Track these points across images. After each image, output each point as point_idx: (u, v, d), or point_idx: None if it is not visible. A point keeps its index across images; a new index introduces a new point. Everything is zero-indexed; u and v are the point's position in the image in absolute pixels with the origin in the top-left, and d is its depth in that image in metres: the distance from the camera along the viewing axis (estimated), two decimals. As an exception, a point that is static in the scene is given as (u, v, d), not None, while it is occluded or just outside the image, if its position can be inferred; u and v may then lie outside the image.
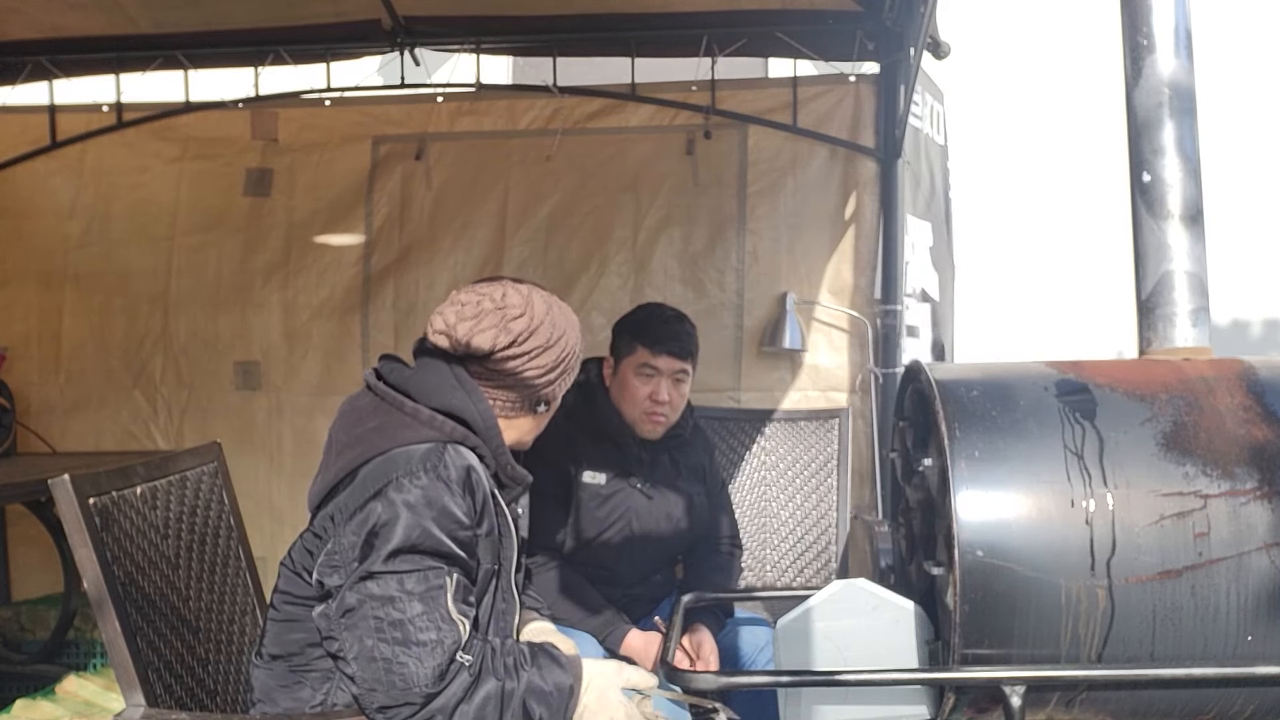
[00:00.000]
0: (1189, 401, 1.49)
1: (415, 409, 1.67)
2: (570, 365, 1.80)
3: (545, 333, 1.73)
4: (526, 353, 1.72)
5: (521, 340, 1.71)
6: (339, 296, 3.83)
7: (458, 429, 1.67)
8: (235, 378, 3.86)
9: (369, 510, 1.56)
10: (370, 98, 3.78)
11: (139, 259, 3.88)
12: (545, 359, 1.74)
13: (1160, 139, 1.61)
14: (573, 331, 1.79)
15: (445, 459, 1.61)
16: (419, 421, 1.66)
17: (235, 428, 3.81)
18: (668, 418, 2.50)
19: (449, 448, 1.63)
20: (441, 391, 1.69)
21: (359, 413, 1.71)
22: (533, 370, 1.73)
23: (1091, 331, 5.66)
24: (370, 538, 1.55)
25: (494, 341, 1.69)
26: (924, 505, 1.67)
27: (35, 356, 3.93)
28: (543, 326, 1.73)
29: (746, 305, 3.71)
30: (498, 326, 1.70)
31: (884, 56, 3.50)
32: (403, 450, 1.61)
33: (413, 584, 1.53)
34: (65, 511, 1.61)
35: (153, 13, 3.40)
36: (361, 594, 1.54)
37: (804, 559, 3.28)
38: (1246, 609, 1.42)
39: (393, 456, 1.61)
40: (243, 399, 3.85)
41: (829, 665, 1.58)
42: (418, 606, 1.52)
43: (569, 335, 1.78)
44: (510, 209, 3.78)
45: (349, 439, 1.68)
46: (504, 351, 1.71)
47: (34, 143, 3.88)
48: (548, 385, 1.77)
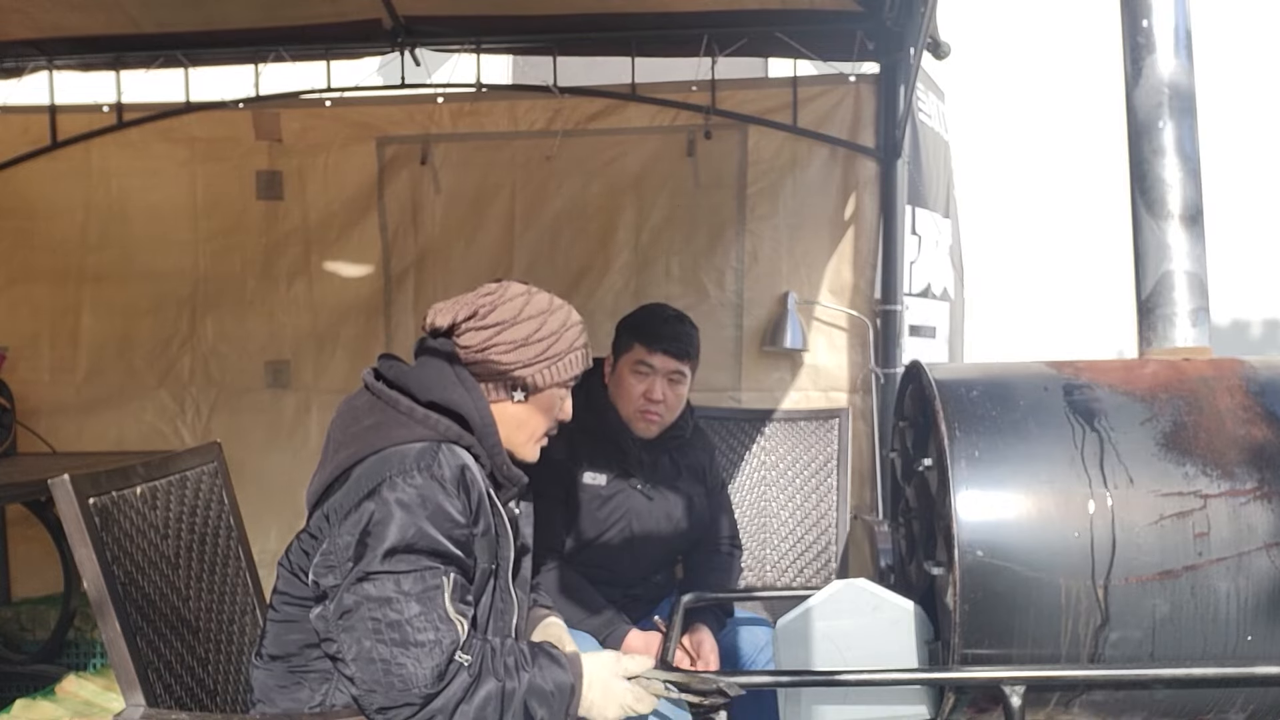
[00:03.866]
0: (1189, 401, 1.49)
1: (410, 407, 1.67)
2: (552, 351, 1.76)
3: (512, 309, 1.74)
4: (491, 326, 1.72)
5: (483, 314, 1.73)
6: (363, 299, 3.90)
7: (452, 428, 1.67)
8: (266, 376, 3.93)
9: (363, 510, 1.56)
10: (371, 98, 3.79)
11: (161, 261, 3.92)
12: (513, 334, 1.73)
13: (1160, 139, 1.61)
14: (555, 318, 1.77)
15: (439, 458, 1.61)
16: (413, 420, 1.65)
17: (265, 424, 3.91)
18: (662, 417, 2.50)
19: (443, 447, 1.63)
20: (441, 385, 1.69)
21: (355, 411, 1.71)
22: (500, 344, 1.73)
23: (1091, 331, 5.66)
24: (365, 537, 1.54)
25: (454, 315, 1.73)
26: (924, 505, 1.67)
27: (46, 356, 3.96)
28: (511, 304, 1.74)
29: (747, 305, 3.71)
30: (461, 304, 1.74)
31: (884, 56, 3.50)
32: (396, 449, 1.61)
33: (409, 584, 1.52)
34: (65, 511, 1.61)
35: (154, 12, 3.40)
36: (358, 595, 1.53)
37: (804, 559, 3.28)
38: (1246, 609, 1.42)
39: (386, 455, 1.60)
40: (273, 396, 3.91)
41: (829, 665, 1.58)
42: (415, 607, 1.52)
43: (548, 319, 1.76)
44: (517, 211, 3.81)
45: (344, 438, 1.68)
46: (466, 324, 1.73)
47: (35, 143, 3.88)
48: (522, 366, 1.74)
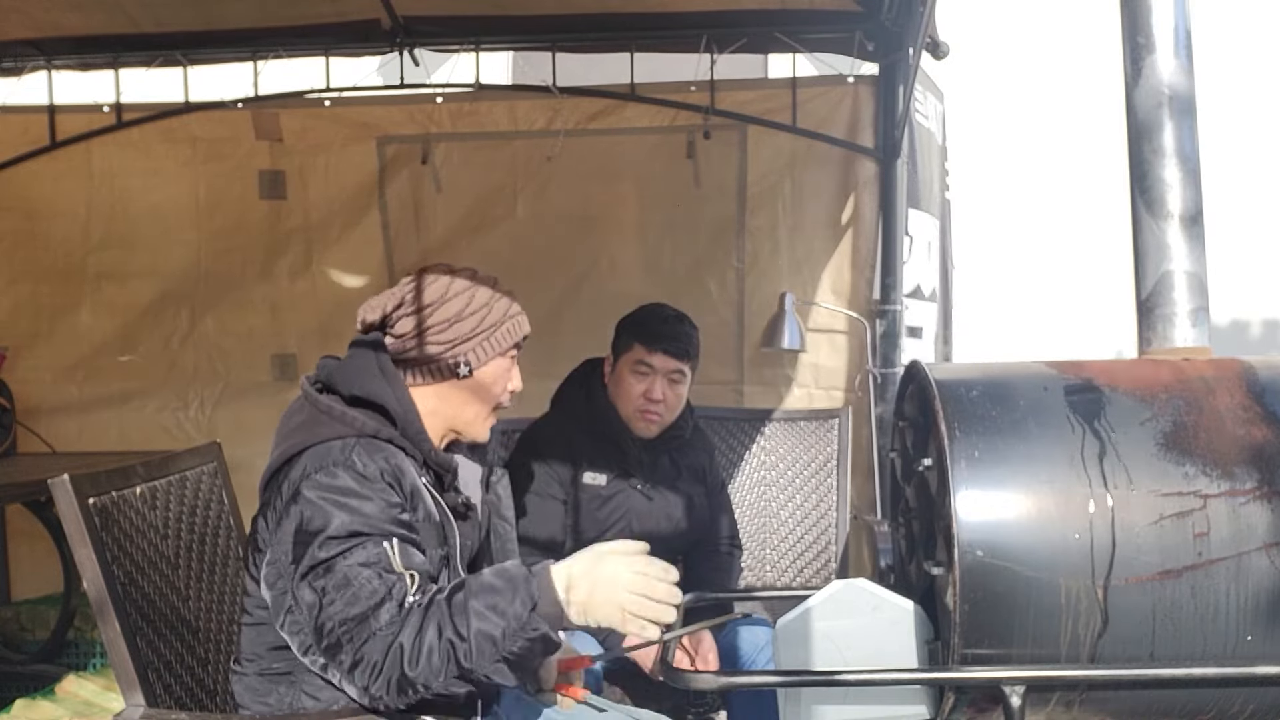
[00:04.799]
0: (1189, 401, 1.49)
1: (329, 405, 1.70)
2: (485, 323, 1.77)
3: (439, 289, 1.76)
4: (423, 308, 1.75)
5: (410, 300, 1.75)
6: (366, 295, 3.85)
7: (369, 423, 1.68)
8: (272, 370, 3.95)
9: (292, 513, 1.58)
10: (371, 98, 3.78)
11: (163, 260, 3.92)
12: (444, 311, 1.75)
13: (1160, 139, 1.61)
14: (480, 292, 1.78)
15: (357, 452, 1.62)
16: (332, 418, 1.68)
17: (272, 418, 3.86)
18: (662, 417, 2.50)
19: (361, 441, 1.64)
20: (361, 378, 1.72)
21: (290, 413, 1.77)
22: (435, 324, 1.75)
23: (1091, 331, 5.66)
24: (299, 536, 1.55)
25: (383, 307, 1.76)
26: (924, 505, 1.67)
27: (46, 355, 3.96)
28: (435, 285, 1.76)
29: (747, 305, 3.71)
30: (387, 296, 1.77)
31: (883, 57, 3.50)
32: (318, 447, 1.63)
33: (357, 557, 1.52)
34: (65, 511, 1.61)
35: (153, 12, 3.40)
36: (313, 588, 1.52)
37: (804, 559, 3.28)
38: (1246, 609, 1.42)
39: (309, 454, 1.63)
40: (279, 389, 3.92)
41: (829, 665, 1.58)
42: (366, 572, 1.51)
43: (475, 293, 1.77)
44: (519, 212, 3.81)
45: (277, 439, 1.72)
46: (396, 312, 1.76)
47: (34, 143, 3.87)
48: (459, 341, 1.76)
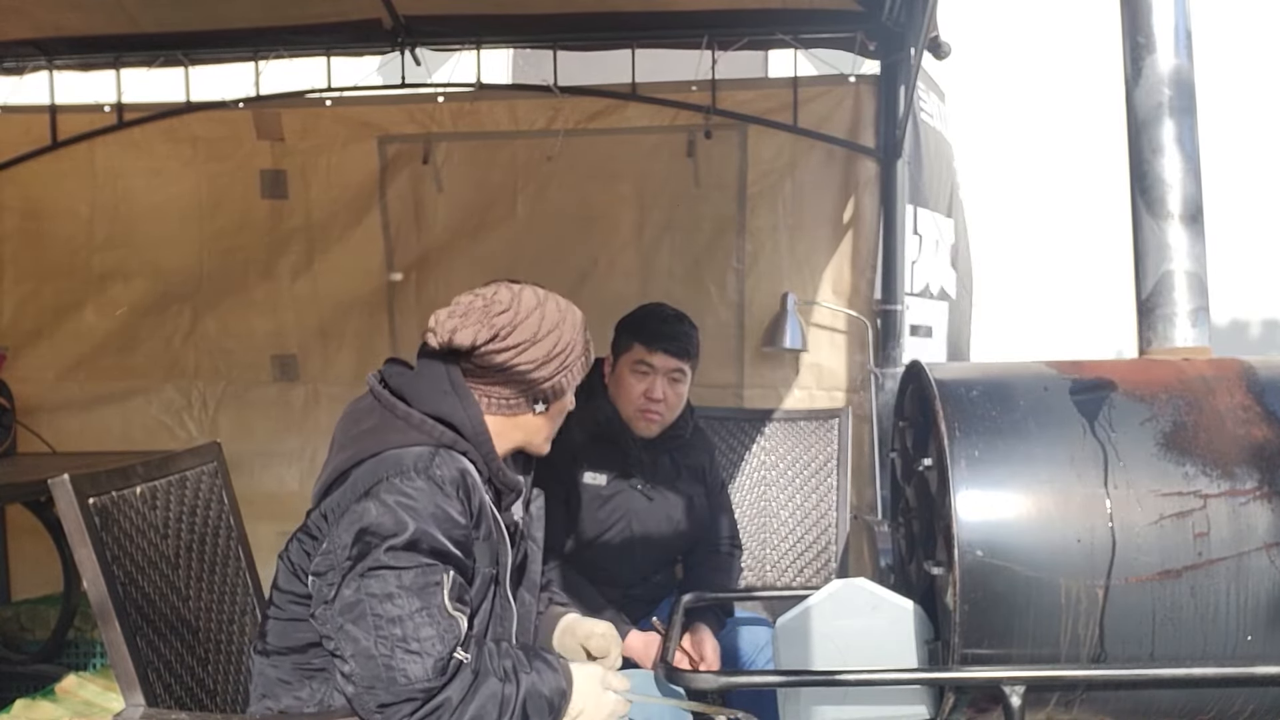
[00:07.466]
0: (1189, 401, 1.49)
1: (407, 413, 1.68)
2: (569, 361, 1.77)
3: (531, 326, 1.72)
4: (512, 347, 1.71)
5: (504, 334, 1.71)
6: (366, 296, 3.91)
7: (447, 434, 1.68)
8: (273, 370, 3.96)
9: (361, 509, 1.57)
10: (372, 97, 3.78)
11: (165, 260, 3.93)
12: (534, 353, 1.72)
13: (1160, 138, 1.61)
14: (568, 327, 1.76)
15: (436, 461, 1.62)
16: (410, 425, 1.67)
17: (273, 417, 3.94)
18: (663, 416, 2.50)
19: (440, 451, 1.64)
20: (434, 395, 1.70)
21: (358, 414, 1.73)
22: (523, 365, 1.72)
23: (1091, 331, 5.66)
24: (363, 535, 1.55)
25: (474, 337, 1.70)
26: (924, 505, 1.67)
27: (48, 354, 3.96)
28: (529, 321, 1.72)
29: (747, 305, 3.71)
30: (480, 322, 1.70)
31: (884, 56, 3.50)
32: (393, 452, 1.62)
33: (409, 579, 1.53)
34: (65, 511, 1.61)
35: (154, 12, 3.40)
36: (358, 592, 1.53)
37: (804, 559, 3.28)
38: (1246, 609, 1.42)
39: (384, 458, 1.62)
40: (280, 390, 3.95)
41: (829, 665, 1.58)
42: (415, 602, 1.52)
43: (563, 330, 1.75)
44: (519, 212, 3.81)
45: (345, 440, 1.70)
46: (487, 346, 1.70)
47: (36, 143, 3.87)
48: (544, 381, 1.75)
